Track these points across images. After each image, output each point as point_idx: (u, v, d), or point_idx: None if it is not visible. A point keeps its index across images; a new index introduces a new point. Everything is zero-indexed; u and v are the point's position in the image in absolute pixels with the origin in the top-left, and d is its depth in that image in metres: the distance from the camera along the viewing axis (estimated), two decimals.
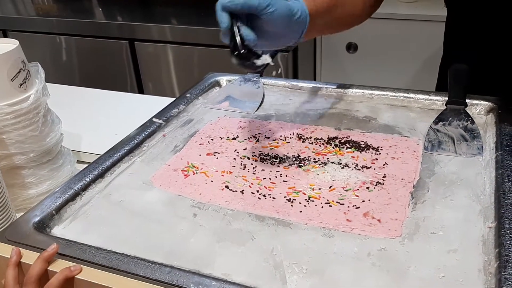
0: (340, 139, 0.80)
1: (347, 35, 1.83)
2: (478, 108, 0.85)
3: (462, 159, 0.73)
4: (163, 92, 1.93)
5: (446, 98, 0.87)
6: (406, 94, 0.91)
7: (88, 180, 0.73)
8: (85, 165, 0.76)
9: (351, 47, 1.84)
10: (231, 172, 0.73)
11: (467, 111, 0.84)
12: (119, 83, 1.99)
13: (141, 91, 1.99)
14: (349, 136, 0.81)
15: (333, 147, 0.78)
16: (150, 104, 1.07)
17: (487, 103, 0.85)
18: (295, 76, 1.74)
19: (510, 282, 0.49)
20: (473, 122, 0.80)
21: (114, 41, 1.94)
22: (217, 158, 0.77)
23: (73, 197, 0.70)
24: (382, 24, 1.77)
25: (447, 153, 0.75)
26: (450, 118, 0.81)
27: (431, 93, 0.90)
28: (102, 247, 0.59)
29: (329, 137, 0.81)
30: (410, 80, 1.82)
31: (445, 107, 0.85)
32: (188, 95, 0.97)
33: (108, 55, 1.97)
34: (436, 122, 0.81)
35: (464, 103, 0.84)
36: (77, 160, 0.91)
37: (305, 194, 0.67)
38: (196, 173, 0.74)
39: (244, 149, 0.79)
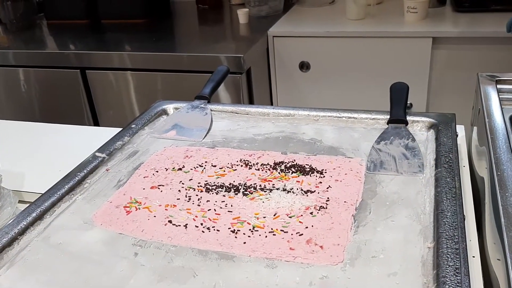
0: (286, 164, 0.80)
1: (299, 55, 1.85)
2: (420, 125, 0.87)
3: (404, 178, 0.74)
4: (119, 121, 1.90)
5: (388, 117, 0.88)
6: (349, 114, 0.92)
7: (26, 223, 0.70)
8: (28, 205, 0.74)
9: (304, 66, 1.87)
10: (175, 206, 0.72)
11: (409, 128, 0.86)
12: (76, 114, 1.95)
13: (96, 122, 1.95)
14: (294, 160, 0.81)
15: (279, 173, 0.78)
16: (99, 136, 1.05)
17: (427, 119, 0.87)
18: (251, 99, 1.75)
19: None
20: (413, 140, 0.81)
21: (66, 70, 1.90)
22: (161, 191, 0.76)
23: (10, 243, 0.67)
24: (332, 42, 1.81)
25: (389, 172, 0.76)
26: (391, 137, 0.83)
27: (374, 112, 0.92)
28: None
29: (276, 162, 0.81)
30: (365, 95, 1.85)
31: (387, 126, 0.86)
32: (133, 125, 0.95)
33: (62, 85, 1.93)
34: (378, 141, 0.82)
35: (405, 121, 0.86)
36: (19, 200, 0.87)
37: (249, 224, 0.67)
38: (139, 208, 0.72)
39: (189, 180, 0.78)
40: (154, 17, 2.21)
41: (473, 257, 0.64)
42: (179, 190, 0.75)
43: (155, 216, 0.70)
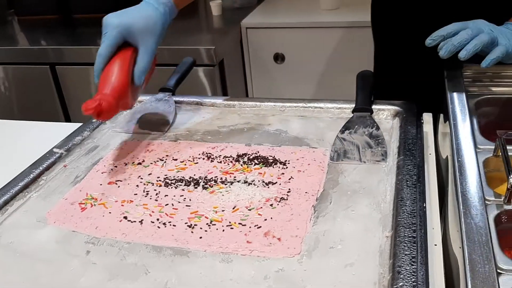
0: (249, 156, 0.78)
1: (273, 46, 1.83)
2: (385, 113, 0.86)
3: (366, 167, 0.73)
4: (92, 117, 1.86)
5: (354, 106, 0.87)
6: (316, 104, 0.91)
7: None
8: None
9: (279, 58, 1.85)
10: (132, 201, 0.70)
11: (374, 117, 0.84)
12: (49, 110, 1.90)
13: (68, 118, 1.91)
14: (258, 152, 0.79)
15: (241, 165, 0.76)
16: (62, 132, 1.01)
17: (393, 107, 0.86)
18: (225, 92, 1.72)
19: None
20: (378, 128, 0.80)
21: (36, 66, 1.85)
22: (118, 186, 0.74)
23: None
24: (307, 33, 1.79)
25: (352, 161, 0.74)
26: (356, 126, 0.81)
27: (340, 101, 0.90)
28: None
29: (239, 154, 0.79)
30: (340, 85, 1.84)
31: (352, 115, 0.85)
32: (94, 120, 0.92)
33: (33, 82, 1.88)
34: (342, 130, 0.81)
35: (369, 109, 0.84)
36: None
37: (207, 218, 0.65)
38: (94, 205, 0.70)
39: (149, 174, 0.76)
40: None
41: (435, 245, 0.62)
42: (137, 185, 0.73)
43: (110, 213, 0.68)
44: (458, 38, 0.77)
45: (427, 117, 0.89)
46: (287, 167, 0.74)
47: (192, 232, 0.62)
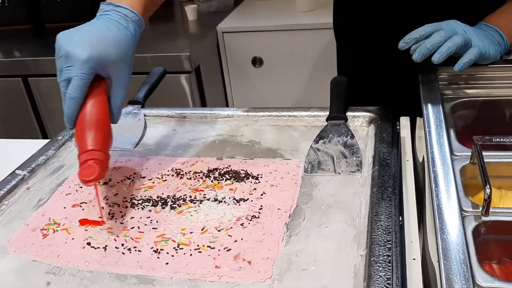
0: (220, 170, 0.75)
1: (251, 50, 1.80)
2: (360, 120, 0.84)
3: (341, 178, 0.70)
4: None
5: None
6: (290, 113, 0.88)
7: None
8: None
9: (257, 61, 1.82)
10: (96, 225, 0.66)
11: (348, 124, 0.82)
12: (24, 125, 1.85)
13: (44, 132, 1.86)
14: (229, 166, 0.76)
15: (212, 181, 0.73)
16: (27, 150, 0.97)
17: (368, 114, 0.83)
18: (203, 99, 1.69)
19: None
20: (352, 136, 0.77)
21: (8, 79, 1.80)
22: (83, 209, 0.70)
23: None
24: (284, 35, 1.76)
25: (326, 173, 0.72)
26: (330, 135, 0.79)
27: (314, 109, 0.87)
28: None
29: (209, 169, 0.76)
30: (320, 88, 1.81)
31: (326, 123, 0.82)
32: (60, 137, 0.89)
33: (5, 95, 1.83)
34: (316, 140, 0.78)
35: (344, 117, 0.82)
36: None
37: (174, 241, 0.61)
38: (57, 230, 0.66)
39: (115, 195, 0.72)
40: None
41: (414, 259, 0.60)
42: (103, 207, 0.70)
43: (73, 239, 0.64)
44: (431, 40, 0.75)
45: (404, 121, 0.87)
46: (259, 182, 0.71)
47: (158, 257, 0.59)
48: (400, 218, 0.59)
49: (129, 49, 0.67)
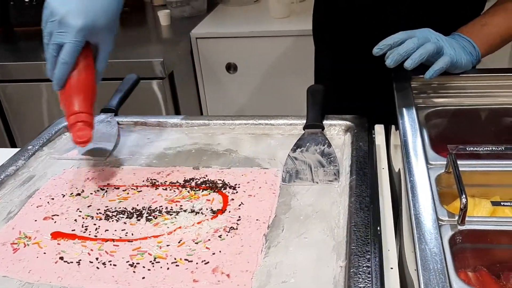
0: (197, 180, 0.74)
1: (224, 56, 1.80)
2: (336, 129, 0.84)
3: (319, 188, 0.70)
4: None
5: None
6: (267, 121, 0.88)
7: None
8: None
9: (231, 67, 1.81)
10: (69, 238, 0.64)
11: (326, 133, 0.82)
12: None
13: (13, 141, 1.80)
14: (206, 176, 0.75)
15: (188, 191, 0.72)
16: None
17: (344, 122, 0.84)
18: (176, 105, 1.67)
19: None
20: (329, 145, 0.78)
21: None
22: (55, 222, 0.68)
23: None
24: (258, 42, 1.76)
25: (304, 182, 0.72)
26: (307, 144, 0.78)
27: (291, 117, 0.87)
28: None
29: (186, 179, 0.75)
30: (294, 95, 1.82)
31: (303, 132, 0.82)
32: (30, 146, 0.86)
33: None
34: (294, 149, 0.78)
35: (321, 125, 0.82)
36: None
37: (150, 254, 0.60)
38: (28, 244, 0.64)
39: (88, 207, 0.70)
40: None
41: (391, 268, 0.60)
42: (76, 220, 0.68)
43: (45, 253, 0.62)
44: (404, 47, 0.76)
45: (379, 129, 0.88)
46: (237, 192, 0.71)
47: (134, 272, 0.57)
48: (378, 228, 0.59)
49: (116, 18, 0.73)
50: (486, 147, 0.70)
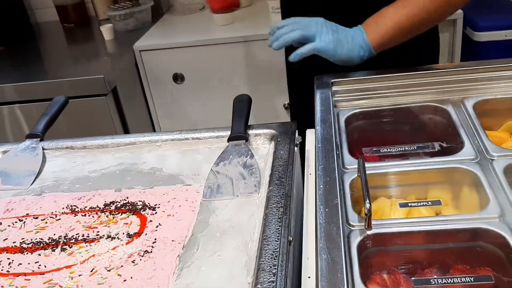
0: (117, 204, 0.73)
1: (170, 66, 1.78)
2: (262, 138, 0.84)
3: (239, 201, 0.70)
4: None
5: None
6: (193, 135, 0.87)
7: None
8: None
9: (178, 78, 1.79)
10: None
11: (252, 143, 0.82)
12: None
13: None
14: (127, 198, 0.74)
15: (107, 216, 0.70)
16: None
17: (269, 131, 0.84)
18: (123, 120, 1.64)
19: None
20: (252, 156, 0.77)
21: None
22: None
23: None
24: (203, 50, 1.75)
25: (225, 196, 0.71)
26: (231, 156, 0.78)
27: (217, 129, 0.87)
28: None
29: (106, 203, 0.73)
30: None
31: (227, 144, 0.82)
32: None
33: None
34: (217, 163, 0.77)
35: (244, 137, 0.81)
36: None
37: (61, 286, 0.58)
38: None
39: (4, 240, 0.68)
40: (16, 42, 2.03)
41: (309, 277, 0.60)
42: None
43: None
44: (279, 32, 0.86)
45: (310, 134, 0.88)
46: (156, 213, 0.70)
47: None
48: (290, 239, 0.59)
49: None
50: (399, 147, 0.71)
